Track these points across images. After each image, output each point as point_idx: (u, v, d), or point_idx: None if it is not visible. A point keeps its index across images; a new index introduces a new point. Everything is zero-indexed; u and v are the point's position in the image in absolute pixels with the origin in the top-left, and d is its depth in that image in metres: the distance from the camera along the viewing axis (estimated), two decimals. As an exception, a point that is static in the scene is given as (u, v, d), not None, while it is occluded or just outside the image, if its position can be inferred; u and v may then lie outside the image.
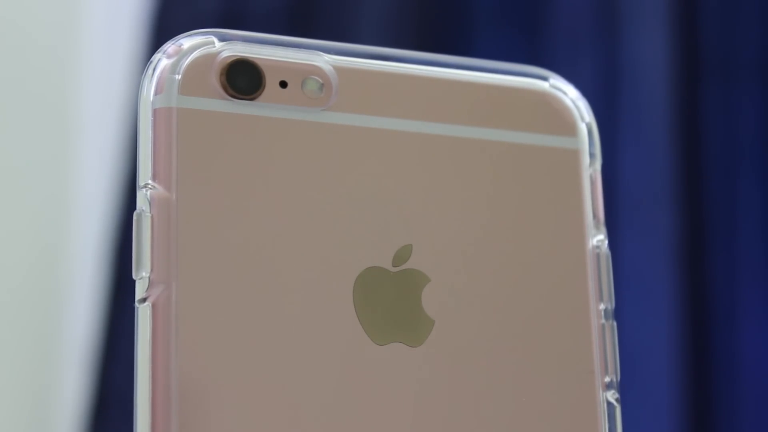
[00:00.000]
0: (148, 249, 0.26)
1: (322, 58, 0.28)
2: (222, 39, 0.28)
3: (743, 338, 0.76)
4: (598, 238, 0.30)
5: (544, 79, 0.30)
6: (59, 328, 0.91)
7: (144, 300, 0.26)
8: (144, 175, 0.26)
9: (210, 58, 0.27)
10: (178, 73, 0.27)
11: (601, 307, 0.29)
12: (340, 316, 0.27)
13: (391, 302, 0.27)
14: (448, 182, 0.29)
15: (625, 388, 0.29)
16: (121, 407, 0.81)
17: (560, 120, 0.30)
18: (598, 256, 0.30)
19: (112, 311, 0.84)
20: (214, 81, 0.27)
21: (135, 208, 0.26)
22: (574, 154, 0.30)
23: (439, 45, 0.85)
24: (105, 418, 0.83)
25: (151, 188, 0.26)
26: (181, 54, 0.27)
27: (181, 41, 0.27)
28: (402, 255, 0.28)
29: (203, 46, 0.27)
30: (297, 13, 0.87)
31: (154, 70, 0.27)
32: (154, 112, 0.27)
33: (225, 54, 0.27)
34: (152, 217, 0.26)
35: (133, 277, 0.26)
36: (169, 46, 0.27)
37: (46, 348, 0.91)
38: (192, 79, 0.27)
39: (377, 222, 0.28)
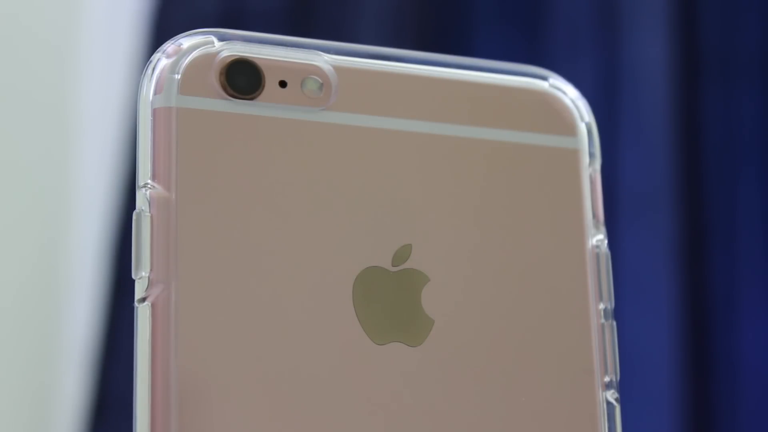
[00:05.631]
0: (148, 249, 0.26)
1: (321, 58, 0.28)
2: (221, 39, 0.28)
3: (743, 338, 0.76)
4: (597, 238, 0.30)
5: (544, 78, 0.30)
6: (59, 327, 0.91)
7: (143, 300, 0.26)
8: (143, 175, 0.26)
9: (209, 57, 0.27)
10: (178, 73, 0.27)
11: (601, 306, 0.29)
12: (340, 316, 0.27)
13: (390, 302, 0.27)
14: (448, 182, 0.29)
15: (625, 388, 0.29)
16: (121, 407, 0.81)
17: (560, 120, 0.30)
18: (597, 255, 0.30)
19: (112, 311, 0.84)
20: (214, 81, 0.27)
21: (135, 208, 0.26)
22: (574, 154, 0.30)
23: (439, 45, 0.85)
24: (105, 418, 0.83)
25: (150, 188, 0.26)
26: (181, 54, 0.27)
27: (181, 41, 0.27)
28: (401, 254, 0.28)
29: (203, 45, 0.27)
30: (297, 12, 0.87)
31: (153, 69, 0.27)
32: (154, 111, 0.27)
33: (224, 54, 0.27)
34: (152, 216, 0.26)
35: (133, 276, 0.26)
36: (169, 46, 0.27)
37: (46, 348, 0.91)
38: (191, 78, 0.27)
39: (377, 222, 0.28)
